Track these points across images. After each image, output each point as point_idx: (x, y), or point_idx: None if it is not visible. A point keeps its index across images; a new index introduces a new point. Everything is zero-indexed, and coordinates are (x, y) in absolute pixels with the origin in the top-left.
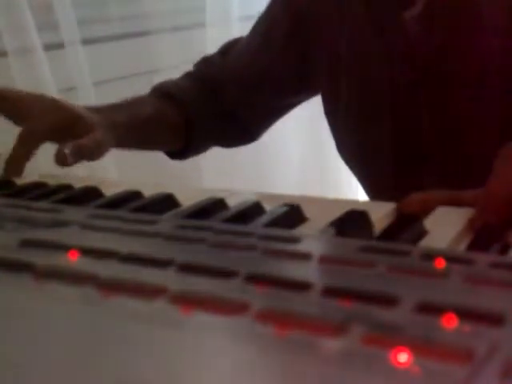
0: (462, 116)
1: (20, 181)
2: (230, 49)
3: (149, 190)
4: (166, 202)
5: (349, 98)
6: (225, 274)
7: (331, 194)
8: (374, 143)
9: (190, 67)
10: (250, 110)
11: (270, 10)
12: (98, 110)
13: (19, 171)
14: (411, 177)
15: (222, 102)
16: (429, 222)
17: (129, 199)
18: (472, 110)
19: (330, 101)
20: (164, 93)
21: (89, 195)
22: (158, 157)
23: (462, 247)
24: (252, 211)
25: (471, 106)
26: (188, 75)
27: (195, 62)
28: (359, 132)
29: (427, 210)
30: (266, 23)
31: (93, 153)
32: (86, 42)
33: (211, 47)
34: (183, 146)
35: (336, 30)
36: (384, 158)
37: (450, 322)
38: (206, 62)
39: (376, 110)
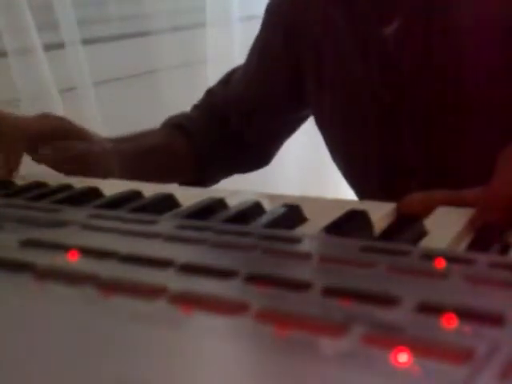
0: (443, 132)
1: (20, 181)
2: (230, 77)
3: (149, 190)
4: (166, 202)
5: (333, 111)
6: (225, 274)
7: (331, 194)
8: (359, 156)
9: (190, 67)
10: (255, 134)
11: (263, 29)
12: (106, 140)
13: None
14: (397, 190)
15: (228, 130)
16: (429, 222)
17: (129, 199)
18: (453, 125)
19: (317, 113)
20: (173, 124)
21: (89, 195)
22: None
23: (462, 247)
24: (252, 211)
25: (452, 121)
26: (195, 107)
27: (195, 61)
28: (345, 144)
29: (428, 210)
30: (260, 42)
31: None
32: (86, 42)
33: (211, 47)
34: (196, 178)
35: (321, 43)
36: (370, 171)
37: (449, 322)
38: (209, 93)
39: (360, 124)
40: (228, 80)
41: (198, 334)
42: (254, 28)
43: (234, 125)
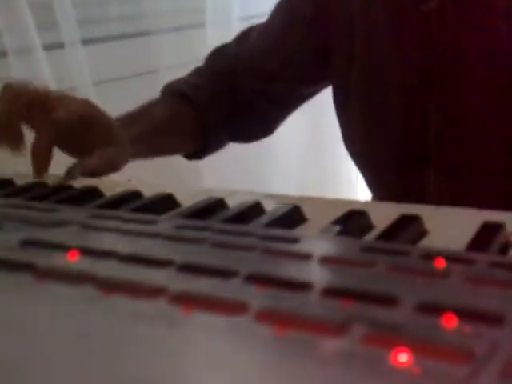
0: (469, 121)
1: (20, 181)
2: (244, 38)
3: (149, 190)
4: (166, 202)
5: (359, 89)
6: (225, 273)
7: (331, 194)
8: (379, 139)
9: (190, 67)
10: (267, 101)
11: (288, 1)
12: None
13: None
14: (413, 178)
15: (238, 94)
16: (429, 222)
17: (129, 199)
18: (481, 116)
19: (340, 92)
20: (177, 93)
21: (89, 195)
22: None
23: (462, 247)
24: (252, 211)
25: (480, 112)
26: (199, 70)
27: (195, 61)
28: (366, 126)
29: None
30: (286, 10)
31: (104, 171)
32: (86, 42)
33: (211, 47)
34: (200, 146)
35: (353, 21)
36: (387, 155)
37: (449, 322)
38: (219, 54)
39: (384, 105)
40: (243, 41)
41: (197, 334)
42: None
43: (248, 89)
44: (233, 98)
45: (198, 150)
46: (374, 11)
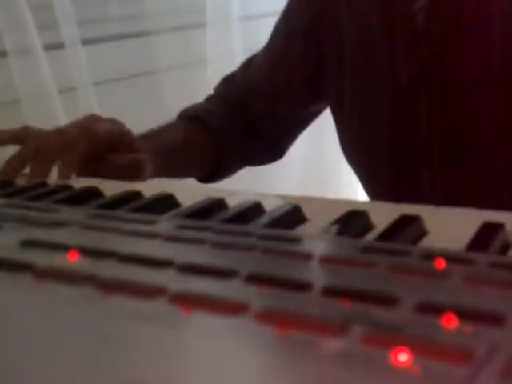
0: (462, 118)
1: (20, 181)
2: (249, 64)
3: (149, 190)
4: (166, 202)
5: (352, 94)
6: (225, 273)
7: (331, 194)
8: (373, 141)
9: (190, 68)
10: (274, 124)
11: (285, 17)
12: None
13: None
14: (409, 178)
15: (246, 119)
16: (429, 222)
17: (129, 199)
18: (473, 112)
19: (335, 97)
20: (191, 117)
21: (89, 195)
22: None
23: (461, 247)
24: (252, 211)
25: (472, 108)
26: (211, 98)
27: (195, 63)
28: (360, 130)
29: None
30: (283, 29)
31: (130, 170)
32: (86, 42)
33: (211, 47)
34: (213, 170)
35: (345, 24)
36: (382, 157)
37: (449, 322)
38: (226, 82)
39: (377, 108)
40: (247, 68)
41: (197, 334)
42: (254, 28)
43: (254, 114)
44: (242, 123)
45: (211, 172)
46: (364, 15)
